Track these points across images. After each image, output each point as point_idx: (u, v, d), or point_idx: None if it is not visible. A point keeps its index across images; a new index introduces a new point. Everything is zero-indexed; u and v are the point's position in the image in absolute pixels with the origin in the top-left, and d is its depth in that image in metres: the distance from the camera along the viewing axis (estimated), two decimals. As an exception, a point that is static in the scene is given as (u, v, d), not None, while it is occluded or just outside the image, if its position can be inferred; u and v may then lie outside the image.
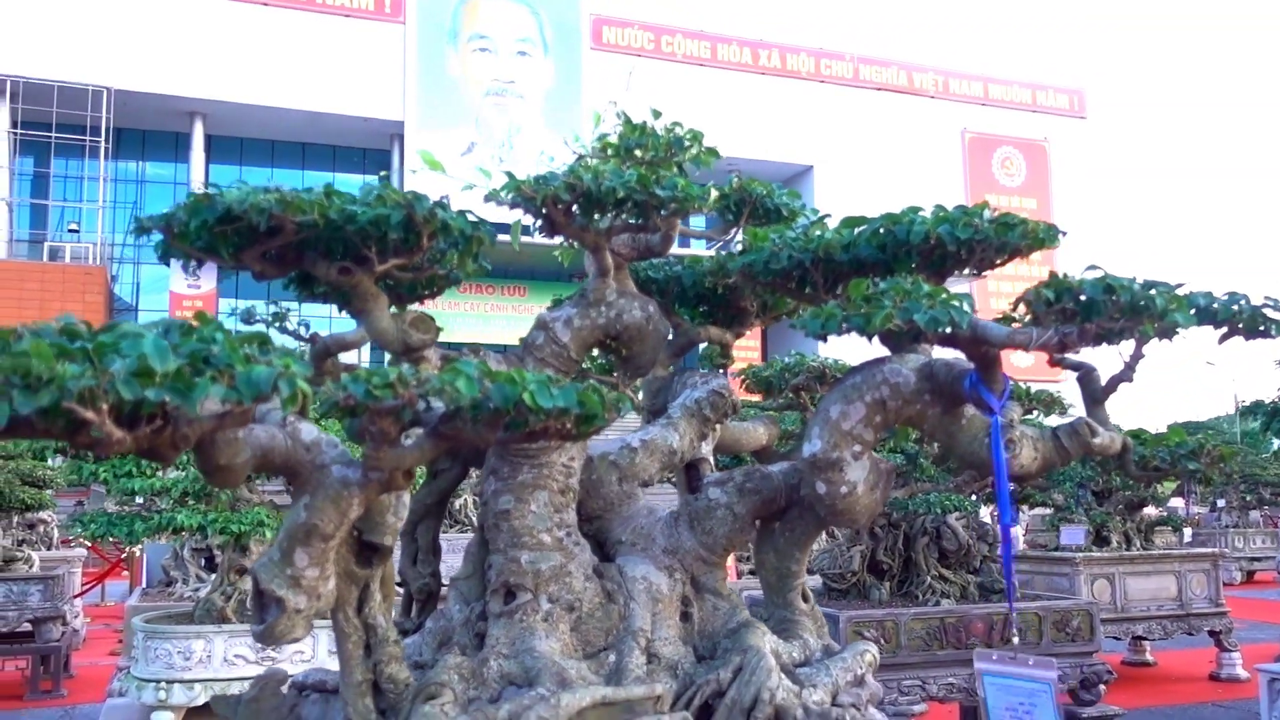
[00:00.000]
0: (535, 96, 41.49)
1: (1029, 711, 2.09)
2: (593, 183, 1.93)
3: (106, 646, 13.10)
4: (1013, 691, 2.12)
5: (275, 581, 1.71)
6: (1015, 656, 2.14)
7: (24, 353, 1.21)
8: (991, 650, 2.16)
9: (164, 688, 5.11)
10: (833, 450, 2.00)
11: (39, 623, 10.05)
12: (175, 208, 1.84)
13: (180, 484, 5.05)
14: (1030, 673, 2.10)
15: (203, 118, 39.31)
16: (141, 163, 41.52)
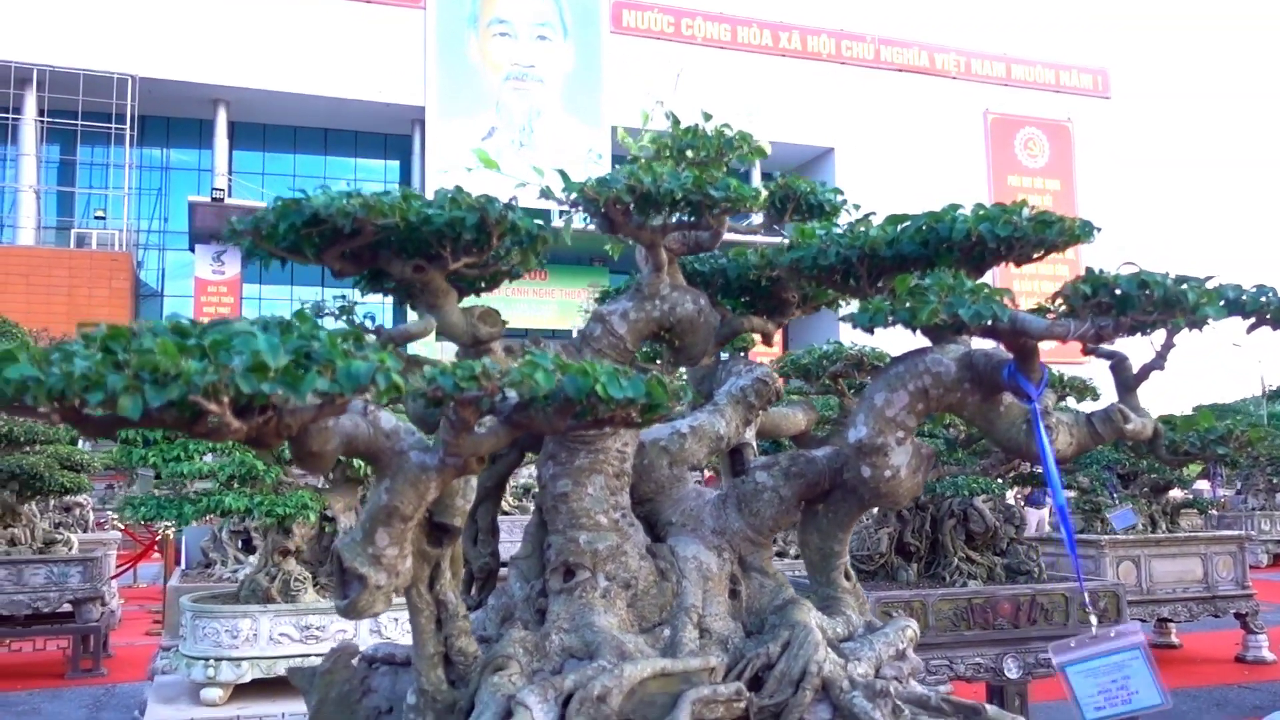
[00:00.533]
0: (555, 80, 41.52)
1: (1124, 685, 2.14)
2: (652, 185, 2.03)
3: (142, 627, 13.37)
4: (1101, 672, 2.17)
5: (358, 560, 1.84)
6: (1095, 635, 2.20)
7: (150, 350, 1.33)
8: (1069, 639, 2.22)
9: (212, 665, 5.28)
10: (877, 436, 2.11)
11: (79, 603, 10.27)
12: (264, 211, 1.96)
13: (226, 468, 5.20)
14: (1116, 644, 2.15)
15: (226, 104, 39.56)
16: (166, 149, 41.84)
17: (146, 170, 41.12)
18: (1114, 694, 2.14)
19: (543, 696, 1.89)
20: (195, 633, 5.36)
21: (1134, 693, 2.13)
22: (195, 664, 5.31)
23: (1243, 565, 10.43)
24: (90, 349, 1.37)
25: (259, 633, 5.33)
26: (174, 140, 41.75)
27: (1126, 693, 2.13)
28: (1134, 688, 2.11)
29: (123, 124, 36.82)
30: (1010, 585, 6.48)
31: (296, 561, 5.56)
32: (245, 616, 5.31)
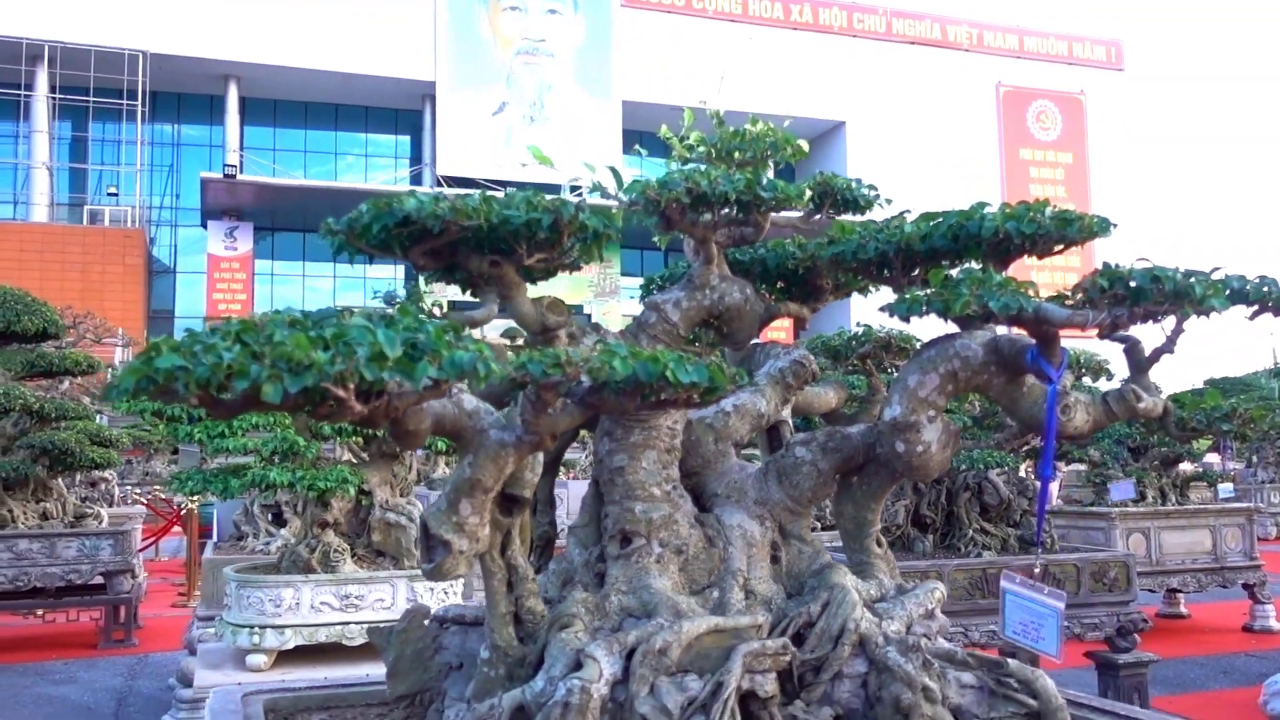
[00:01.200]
0: (566, 55, 41.48)
1: (1038, 629, 2.45)
2: (708, 187, 2.22)
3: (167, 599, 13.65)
4: (1027, 611, 2.49)
5: (443, 528, 2.03)
6: (1035, 585, 2.49)
7: (284, 343, 1.52)
8: (1015, 574, 2.51)
9: (257, 632, 5.50)
10: (910, 414, 2.30)
11: (110, 575, 10.53)
12: (358, 213, 2.15)
13: (269, 444, 5.41)
14: (1044, 599, 2.46)
15: (237, 80, 39.64)
16: (177, 125, 41.95)
17: (158, 146, 41.27)
18: (1029, 629, 2.47)
19: (609, 649, 2.10)
20: (240, 602, 5.58)
21: (1040, 639, 2.46)
22: (240, 631, 5.53)
23: (1251, 537, 10.61)
24: (227, 341, 1.56)
25: (301, 601, 5.55)
26: (185, 116, 41.86)
27: (1035, 635, 2.47)
28: (1042, 635, 2.45)
29: (134, 100, 36.94)
30: (1023, 555, 6.68)
31: (335, 533, 5.77)
32: (288, 586, 5.53)
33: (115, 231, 38.30)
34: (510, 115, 41.00)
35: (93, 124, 39.11)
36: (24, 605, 10.63)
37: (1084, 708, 2.51)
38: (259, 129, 42.37)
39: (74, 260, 36.37)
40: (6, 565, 10.07)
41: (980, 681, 2.30)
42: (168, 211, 42.14)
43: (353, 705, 2.86)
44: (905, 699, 2.17)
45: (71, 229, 38.19)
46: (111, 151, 39.93)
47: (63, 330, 11.68)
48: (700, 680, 2.10)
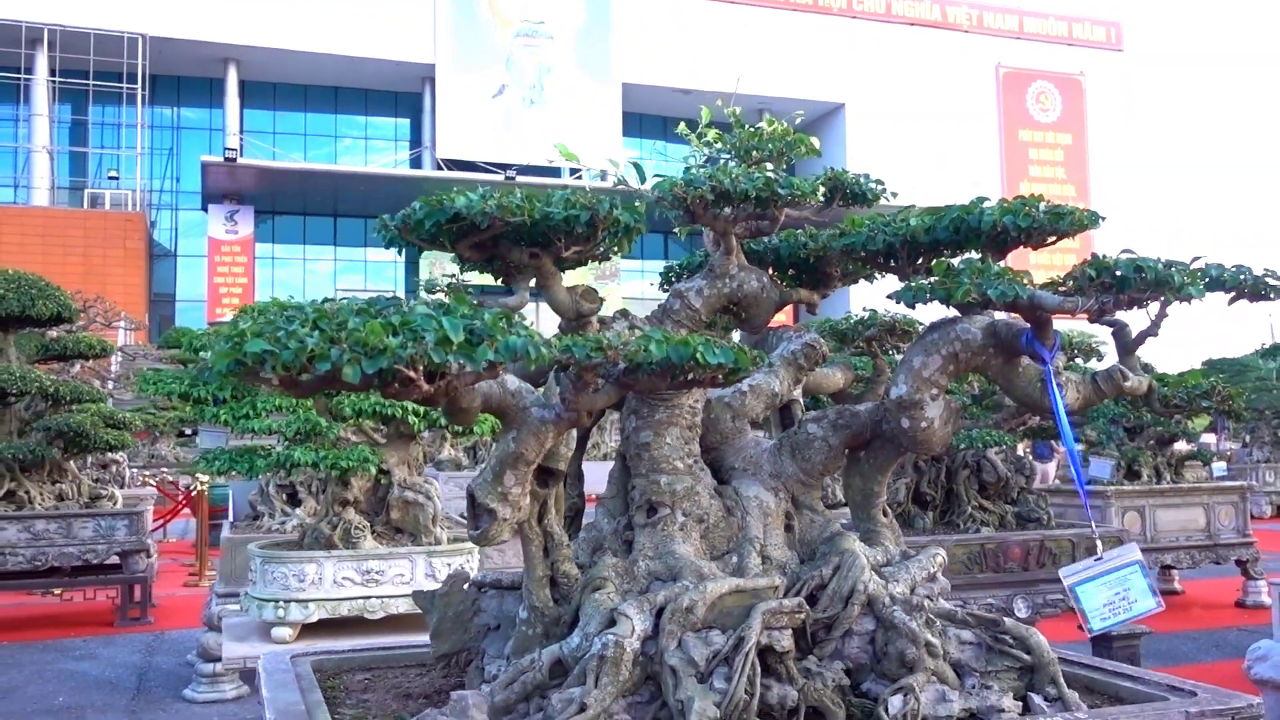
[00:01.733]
0: (565, 36, 41.48)
1: (1124, 595, 2.56)
2: (730, 184, 2.41)
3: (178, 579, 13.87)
4: (1106, 586, 2.59)
5: (489, 497, 2.23)
6: (1100, 558, 2.61)
7: (359, 329, 1.71)
8: (1075, 563, 2.63)
9: (282, 606, 5.71)
10: (915, 393, 2.50)
11: (126, 555, 10.74)
12: (411, 210, 2.34)
13: (293, 425, 5.60)
14: (1117, 562, 2.57)
15: (237, 63, 39.67)
16: (177, 109, 41.99)
17: (158, 130, 41.31)
18: (1116, 605, 2.56)
19: (640, 608, 2.29)
20: (265, 577, 5.78)
21: (1134, 601, 2.55)
22: (265, 605, 5.73)
23: (1244, 514, 10.82)
24: (306, 328, 1.75)
25: (323, 576, 5.75)
26: (185, 100, 41.89)
27: (1127, 602, 2.54)
28: (1133, 597, 2.53)
29: (134, 83, 36.99)
30: (1020, 532, 6.90)
31: (355, 511, 5.96)
32: (311, 562, 5.72)
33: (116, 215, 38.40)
34: (510, 97, 41.04)
35: (93, 107, 39.16)
36: (42, 584, 10.84)
37: (1074, 664, 2.71)
38: (259, 112, 42.41)
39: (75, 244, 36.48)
40: (25, 545, 10.27)
41: (978, 638, 2.50)
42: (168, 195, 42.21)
43: (392, 666, 3.06)
44: (910, 654, 2.37)
45: (72, 213, 38.30)
46: (111, 135, 39.99)
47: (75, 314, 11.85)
48: (723, 636, 2.30)
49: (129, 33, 36.63)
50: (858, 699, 2.40)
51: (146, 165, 39.66)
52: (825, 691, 2.33)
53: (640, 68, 41.06)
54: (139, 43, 36.76)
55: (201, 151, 38.78)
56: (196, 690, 8.24)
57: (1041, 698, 2.39)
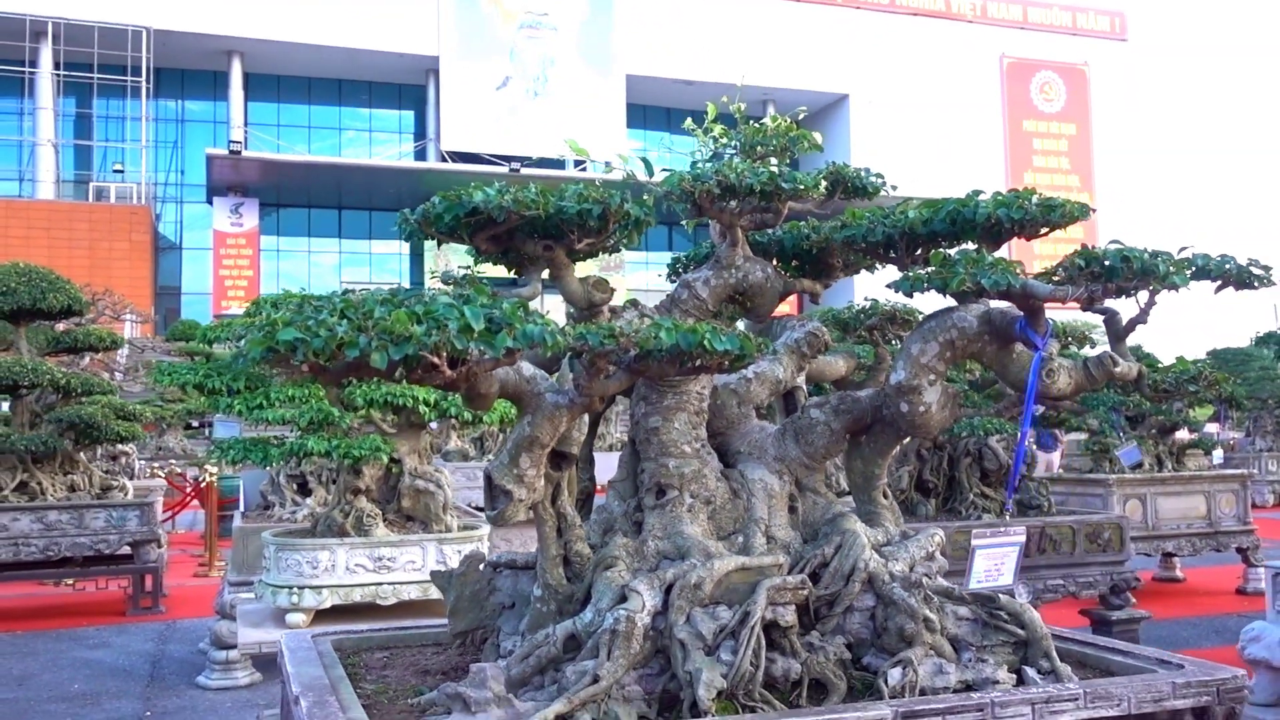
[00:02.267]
0: (569, 28, 41.47)
1: (999, 568, 2.76)
2: (736, 179, 2.50)
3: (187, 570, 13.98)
4: (992, 556, 2.79)
5: (506, 479, 2.33)
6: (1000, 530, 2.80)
7: (385, 318, 1.81)
8: (986, 529, 2.82)
9: (295, 593, 5.82)
10: (913, 379, 2.60)
11: (138, 545, 10.85)
12: (431, 204, 2.44)
13: (305, 415, 5.71)
14: (1006, 539, 2.76)
15: (241, 56, 39.70)
16: (181, 102, 42.00)
17: (163, 123, 41.33)
18: (991, 573, 2.78)
19: (650, 585, 2.40)
20: (278, 564, 5.90)
21: (1002, 575, 2.78)
22: (280, 592, 5.85)
23: (1245, 502, 10.90)
24: (335, 317, 1.85)
25: (336, 563, 5.87)
26: (189, 92, 41.91)
27: (999, 573, 2.78)
28: (1004, 571, 2.75)
29: (138, 77, 37.03)
30: (1022, 519, 6.99)
31: (367, 500, 6.08)
32: (324, 549, 5.84)
33: (121, 208, 38.46)
34: (514, 89, 41.05)
35: (97, 100, 39.20)
36: (55, 574, 10.96)
37: (1068, 640, 2.82)
38: (263, 105, 42.44)
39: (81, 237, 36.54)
40: (37, 536, 10.40)
41: (975, 615, 2.60)
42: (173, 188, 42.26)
43: (409, 645, 3.17)
44: (909, 629, 2.47)
45: (78, 206, 38.37)
46: (116, 128, 40.04)
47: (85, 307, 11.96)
48: (730, 611, 2.40)
49: (133, 26, 36.66)
50: (858, 672, 2.51)
51: (151, 158, 39.72)
52: (827, 665, 2.43)
53: (644, 59, 41.08)
54: (143, 36, 36.80)
55: (206, 144, 38.84)
56: (210, 677, 8.36)
57: (1035, 671, 2.50)
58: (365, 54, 39.64)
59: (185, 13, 37.13)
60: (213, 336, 6.25)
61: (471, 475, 12.53)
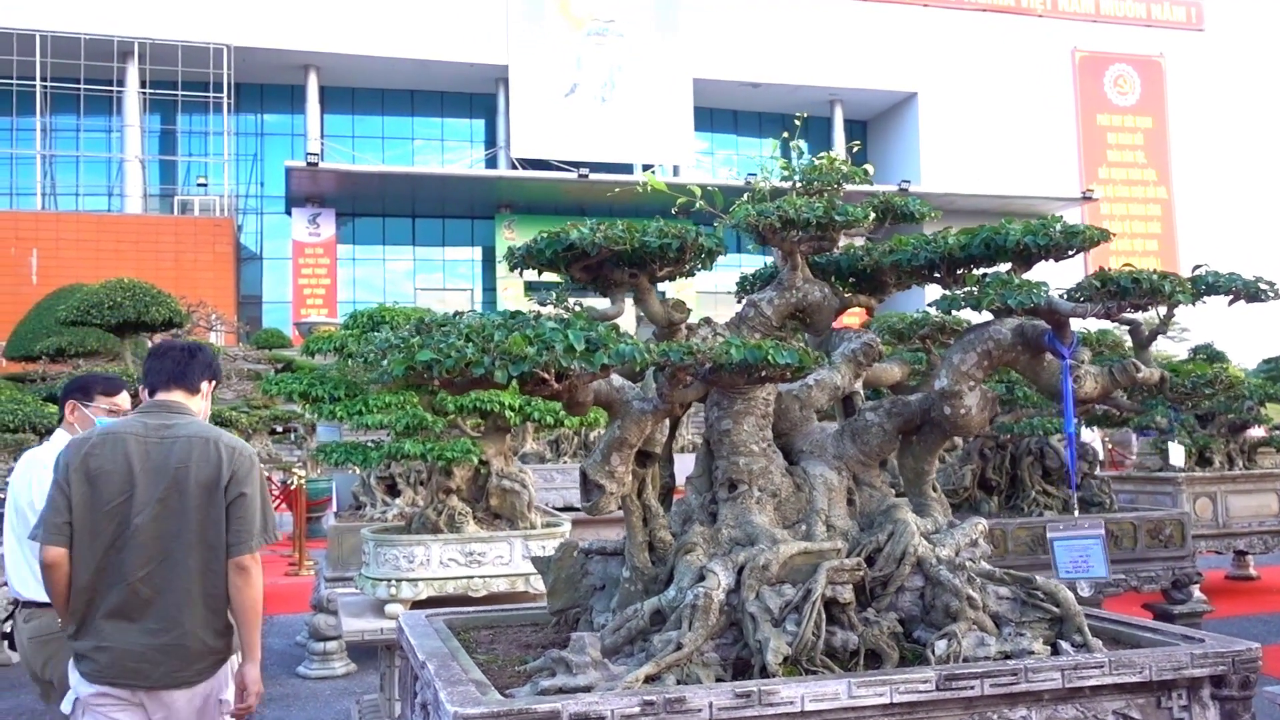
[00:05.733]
0: (635, 34, 41.93)
1: (1086, 559, 3.04)
2: (795, 214, 2.87)
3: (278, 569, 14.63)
4: (1073, 549, 3.08)
5: (599, 475, 2.72)
6: (1074, 524, 3.09)
7: (503, 341, 2.20)
8: (1059, 522, 3.11)
9: (393, 585, 6.27)
10: (955, 385, 2.94)
11: (238, 544, 11.44)
12: (535, 241, 2.85)
13: (402, 419, 6.17)
14: (1085, 532, 3.06)
15: (317, 70, 40.81)
16: (260, 115, 43.26)
17: (243, 136, 42.62)
18: (1079, 563, 3.06)
19: (724, 566, 2.77)
20: (377, 559, 6.36)
21: (1091, 567, 3.06)
22: (379, 584, 6.31)
23: (1318, 499, 10.90)
24: (461, 340, 2.25)
25: (430, 558, 6.31)
26: (268, 106, 43.15)
27: (1087, 565, 3.06)
28: (1092, 563, 3.04)
29: (220, 92, 38.28)
30: (1084, 515, 7.21)
31: (458, 498, 6.51)
32: (419, 544, 6.28)
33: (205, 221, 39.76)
34: (582, 96, 41.61)
35: (181, 117, 40.59)
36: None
37: (1103, 619, 3.12)
38: (338, 117, 43.54)
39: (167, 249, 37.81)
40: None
41: (1014, 594, 2.92)
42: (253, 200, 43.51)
43: (510, 625, 3.57)
44: (954, 606, 2.81)
45: (164, 219, 39.75)
46: (199, 143, 41.40)
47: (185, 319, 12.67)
48: (794, 589, 2.76)
49: (214, 44, 37.91)
50: (909, 644, 2.84)
51: (233, 171, 40.99)
52: (881, 637, 2.78)
53: (710, 63, 41.36)
54: (224, 53, 38.04)
55: (285, 156, 39.95)
56: (309, 667, 8.91)
57: (1068, 644, 2.81)
58: (436, 65, 40.49)
59: (264, 30, 38.31)
60: (315, 348, 6.74)
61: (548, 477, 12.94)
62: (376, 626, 6.21)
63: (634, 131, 41.12)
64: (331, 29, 38.99)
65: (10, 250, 35.29)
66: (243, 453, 3.62)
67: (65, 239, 36.34)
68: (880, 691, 2.46)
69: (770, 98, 43.86)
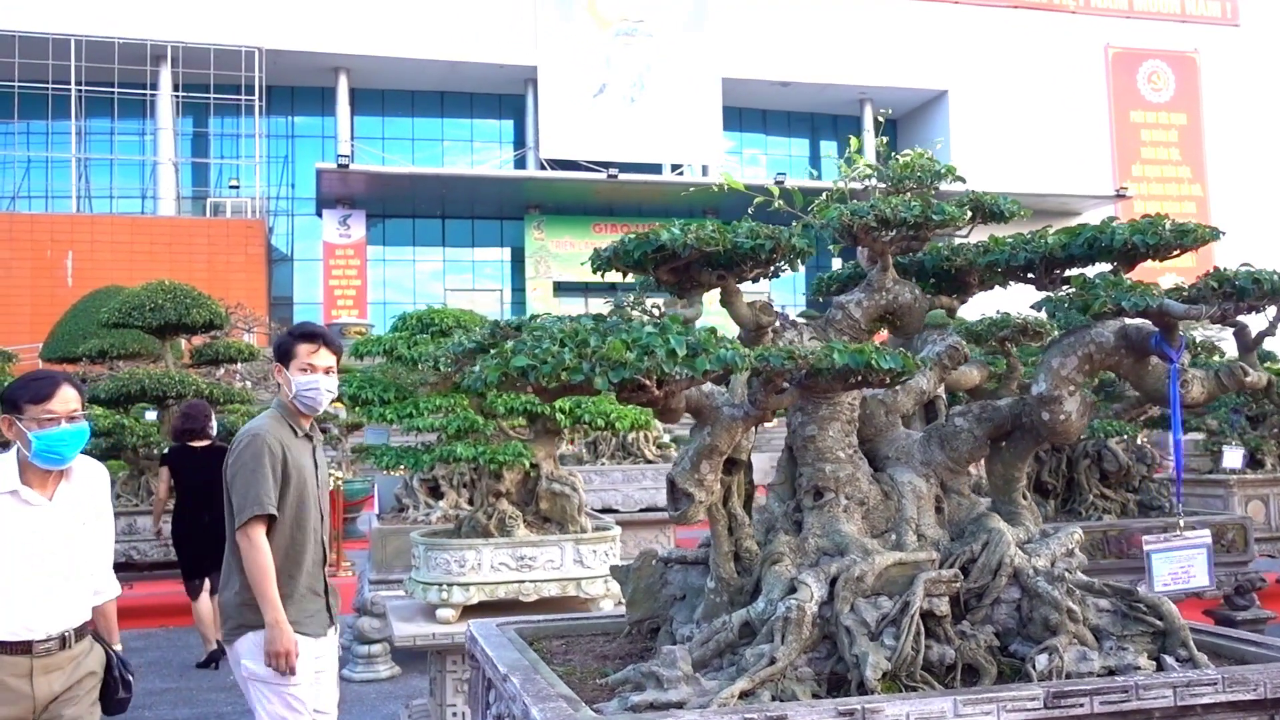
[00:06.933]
0: (664, 34, 41.80)
1: (1188, 571, 2.92)
2: (891, 213, 2.78)
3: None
4: (1174, 560, 2.96)
5: (688, 483, 2.63)
6: (1174, 535, 2.97)
7: (601, 347, 2.12)
8: (1157, 535, 2.98)
9: (445, 589, 6.22)
10: (1054, 390, 2.83)
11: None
12: (622, 242, 2.77)
13: (453, 423, 6.11)
14: (1189, 541, 2.93)
15: (347, 72, 40.93)
16: (291, 118, 43.42)
17: (274, 139, 42.80)
18: (1180, 575, 2.93)
19: (817, 577, 2.68)
20: (428, 563, 6.30)
21: (1193, 577, 2.92)
22: (430, 589, 6.26)
23: (1375, 502, 10.70)
24: (556, 345, 2.17)
25: (481, 562, 6.25)
26: (299, 109, 43.30)
27: (1187, 577, 2.92)
28: (1194, 573, 2.90)
29: (251, 95, 38.46)
30: (1143, 519, 7.07)
31: (508, 502, 6.45)
32: (470, 549, 6.22)
33: (238, 222, 39.93)
34: (611, 96, 41.55)
35: (213, 119, 40.83)
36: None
37: (1203, 632, 3.01)
38: (368, 119, 43.66)
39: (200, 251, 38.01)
40: (187, 537, 11.02)
41: (1114, 607, 2.82)
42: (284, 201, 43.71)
43: (580, 634, 3.50)
44: (1053, 619, 2.71)
45: (197, 221, 39.97)
46: (231, 145, 41.61)
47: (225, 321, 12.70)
48: (890, 601, 2.67)
49: (246, 47, 38.09)
50: (1005, 658, 2.75)
51: (264, 173, 41.18)
52: (978, 651, 2.68)
53: (738, 62, 41.22)
54: (255, 56, 38.22)
55: (315, 158, 40.10)
56: (354, 670, 8.87)
57: (1173, 659, 2.70)
58: (466, 66, 40.51)
59: (295, 33, 38.46)
60: (363, 351, 6.70)
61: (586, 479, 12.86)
62: (428, 631, 6.15)
63: (663, 131, 41.04)
64: (362, 31, 39.12)
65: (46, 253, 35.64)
66: (240, 435, 4.28)
67: (100, 241, 36.66)
68: (987, 710, 2.37)
69: (799, 97, 43.67)
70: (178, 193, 40.69)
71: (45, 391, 3.58)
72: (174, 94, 39.02)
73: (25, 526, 3.49)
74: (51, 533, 3.55)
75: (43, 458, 3.49)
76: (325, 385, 4.35)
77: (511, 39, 40.11)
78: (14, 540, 3.46)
